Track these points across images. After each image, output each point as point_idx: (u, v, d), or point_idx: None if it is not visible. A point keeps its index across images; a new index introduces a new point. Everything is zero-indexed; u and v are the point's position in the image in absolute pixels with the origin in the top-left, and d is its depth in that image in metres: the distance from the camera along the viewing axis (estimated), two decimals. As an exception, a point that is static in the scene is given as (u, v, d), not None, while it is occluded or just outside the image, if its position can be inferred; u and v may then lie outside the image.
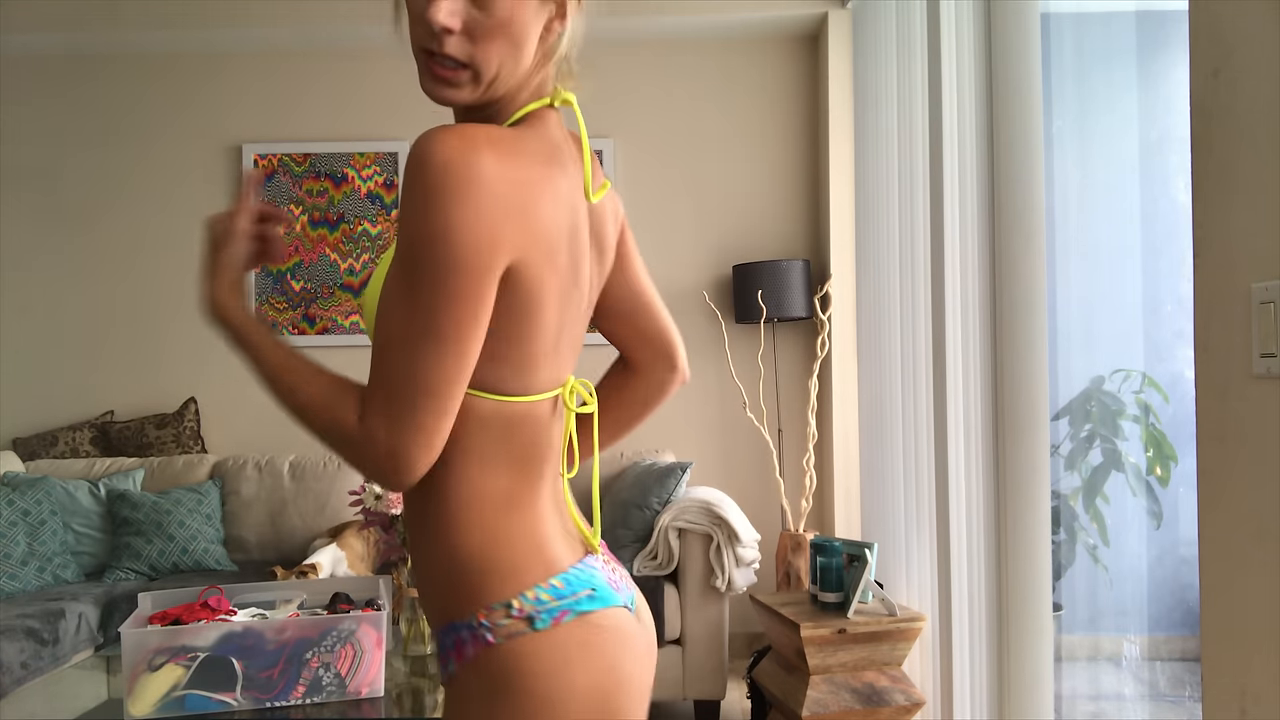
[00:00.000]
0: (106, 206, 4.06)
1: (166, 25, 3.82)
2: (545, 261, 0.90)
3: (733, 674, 3.37)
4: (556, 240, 0.91)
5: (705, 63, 4.02)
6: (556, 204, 0.91)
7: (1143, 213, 3.24)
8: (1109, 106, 3.28)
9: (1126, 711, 3.23)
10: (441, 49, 0.90)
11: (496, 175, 0.84)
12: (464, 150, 0.83)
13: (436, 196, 0.82)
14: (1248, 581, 1.15)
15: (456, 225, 0.82)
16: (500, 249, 0.85)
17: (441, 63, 0.91)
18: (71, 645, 2.91)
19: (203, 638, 1.91)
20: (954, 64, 2.41)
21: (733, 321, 3.91)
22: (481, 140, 0.85)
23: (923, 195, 2.70)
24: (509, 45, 0.92)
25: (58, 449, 3.82)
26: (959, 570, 2.39)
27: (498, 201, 0.84)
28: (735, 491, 3.88)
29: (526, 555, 0.93)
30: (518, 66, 0.94)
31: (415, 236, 0.83)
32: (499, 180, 0.84)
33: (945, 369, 2.42)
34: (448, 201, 0.82)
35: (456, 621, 0.92)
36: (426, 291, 0.83)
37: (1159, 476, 3.03)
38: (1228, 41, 1.18)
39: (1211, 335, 1.21)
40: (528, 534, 0.94)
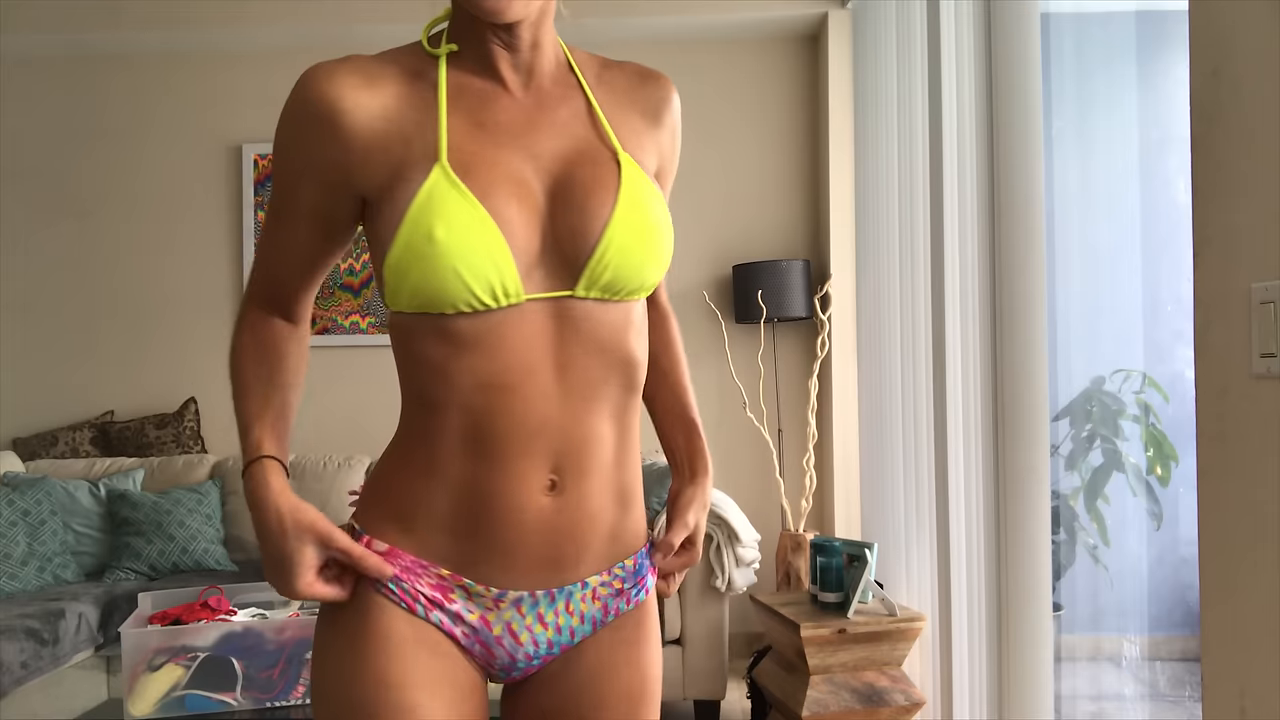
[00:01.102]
0: (107, 206, 4.06)
1: (166, 25, 3.82)
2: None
3: (733, 674, 3.37)
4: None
5: (705, 62, 4.02)
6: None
7: (1143, 213, 3.24)
8: (1109, 106, 3.28)
9: (1126, 711, 3.23)
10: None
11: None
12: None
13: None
14: (1248, 581, 1.15)
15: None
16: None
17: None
18: (71, 645, 2.91)
19: (203, 638, 1.91)
20: (954, 64, 2.41)
21: (733, 321, 3.91)
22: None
23: (923, 195, 2.70)
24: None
25: (58, 449, 3.82)
26: (959, 570, 2.39)
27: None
28: (735, 491, 3.88)
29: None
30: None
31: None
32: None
33: (945, 369, 2.42)
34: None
35: (643, 549, 1.03)
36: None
37: (1159, 476, 3.03)
38: (1228, 41, 1.18)
39: (1211, 335, 1.21)
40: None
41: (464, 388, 0.90)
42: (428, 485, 0.93)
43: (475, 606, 0.94)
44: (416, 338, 0.90)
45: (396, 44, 0.98)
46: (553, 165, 0.93)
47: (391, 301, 0.90)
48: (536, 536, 0.93)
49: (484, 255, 0.86)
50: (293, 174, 0.94)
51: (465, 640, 0.95)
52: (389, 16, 3.62)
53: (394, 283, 0.88)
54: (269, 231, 0.99)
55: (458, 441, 0.91)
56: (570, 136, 0.96)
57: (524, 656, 0.98)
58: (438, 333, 0.89)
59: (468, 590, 0.94)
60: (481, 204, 0.87)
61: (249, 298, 1.03)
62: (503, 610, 0.95)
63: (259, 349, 1.00)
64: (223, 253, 4.08)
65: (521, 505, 0.92)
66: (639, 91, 1.03)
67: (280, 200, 0.97)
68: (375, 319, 4.01)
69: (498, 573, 0.94)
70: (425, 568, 0.93)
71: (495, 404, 0.90)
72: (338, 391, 3.96)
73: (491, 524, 0.92)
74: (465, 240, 0.86)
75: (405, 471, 0.94)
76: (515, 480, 0.92)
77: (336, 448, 3.87)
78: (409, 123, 0.91)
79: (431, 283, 0.86)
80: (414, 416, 0.94)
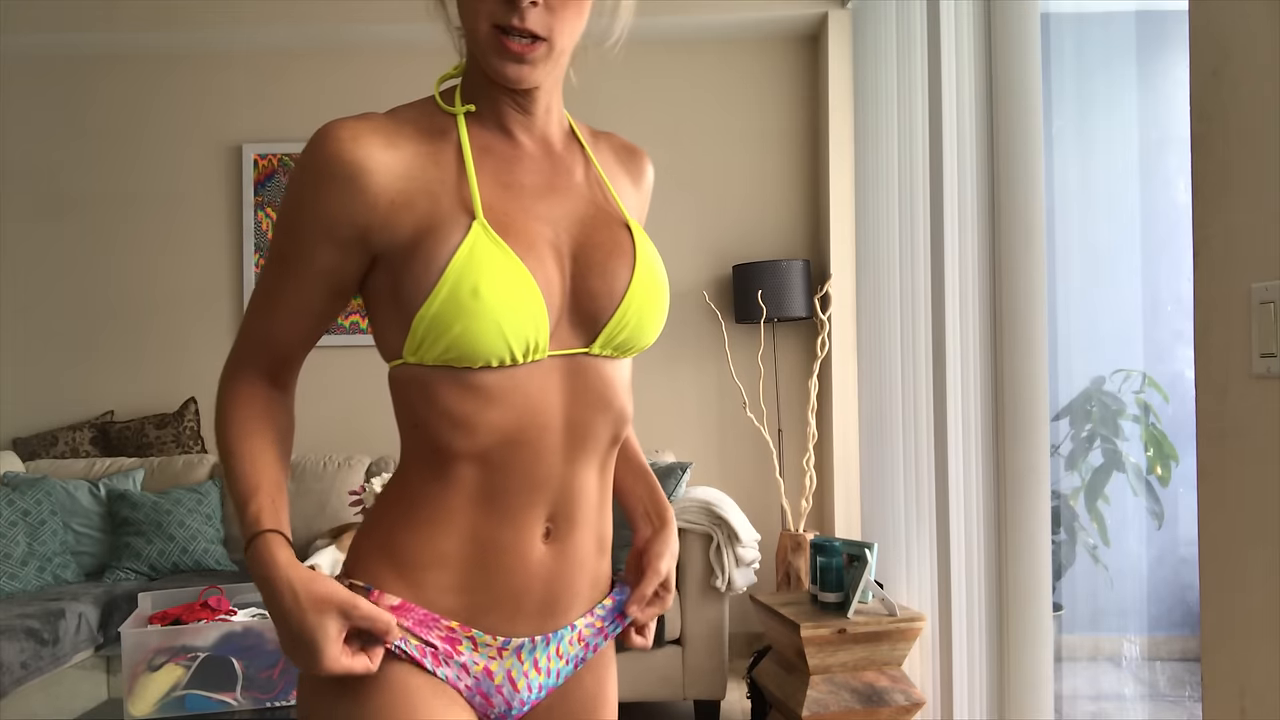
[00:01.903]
0: (107, 206, 4.06)
1: (166, 25, 3.82)
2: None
3: (733, 674, 3.37)
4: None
5: (705, 63, 4.02)
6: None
7: (1143, 213, 3.24)
8: (1109, 106, 3.28)
9: (1126, 711, 3.23)
10: (524, 22, 0.89)
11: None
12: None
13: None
14: (1248, 581, 1.15)
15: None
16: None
17: (518, 38, 0.90)
18: (71, 645, 2.91)
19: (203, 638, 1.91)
20: (954, 64, 2.41)
21: (733, 321, 3.91)
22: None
23: (923, 195, 2.70)
24: (581, 19, 0.95)
25: (58, 449, 3.82)
26: (959, 570, 2.39)
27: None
28: (735, 491, 3.88)
29: None
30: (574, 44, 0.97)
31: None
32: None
33: (945, 369, 2.42)
34: None
35: (616, 587, 1.07)
36: None
37: (1159, 476, 3.03)
38: (1228, 41, 1.18)
39: (1211, 335, 1.21)
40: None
41: (486, 440, 0.91)
42: (437, 536, 0.93)
43: (481, 657, 0.95)
44: (439, 390, 0.90)
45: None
46: (571, 228, 0.96)
47: (416, 353, 0.90)
48: (537, 584, 0.96)
49: (525, 313, 0.89)
50: (309, 232, 0.92)
51: (468, 692, 0.96)
52: (386, 17, 3.62)
53: (429, 335, 0.88)
54: (272, 291, 0.96)
55: (471, 493, 0.92)
56: (584, 201, 0.99)
57: (519, 703, 0.99)
58: (462, 386, 0.90)
59: (475, 641, 0.95)
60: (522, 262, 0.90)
61: (239, 360, 1.00)
62: (505, 659, 0.97)
63: (254, 418, 0.97)
64: (223, 252, 4.08)
65: (525, 555, 0.95)
66: (626, 162, 1.09)
67: (290, 259, 0.94)
68: (375, 319, 4.01)
69: (503, 621, 0.96)
70: (435, 620, 0.94)
71: (513, 457, 0.92)
72: (338, 392, 3.96)
73: (500, 574, 0.94)
74: (510, 297, 0.88)
75: (412, 522, 0.94)
76: (521, 530, 0.94)
77: (336, 448, 3.87)
78: (433, 180, 0.92)
79: (472, 337, 0.87)
80: (425, 466, 0.93)
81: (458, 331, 0.87)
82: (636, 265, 0.97)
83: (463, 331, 0.87)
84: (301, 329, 0.97)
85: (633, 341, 0.98)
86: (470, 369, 0.89)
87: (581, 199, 0.99)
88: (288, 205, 0.94)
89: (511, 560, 0.94)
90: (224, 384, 1.00)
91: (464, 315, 0.86)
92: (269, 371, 1.00)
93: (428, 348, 0.89)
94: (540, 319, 0.90)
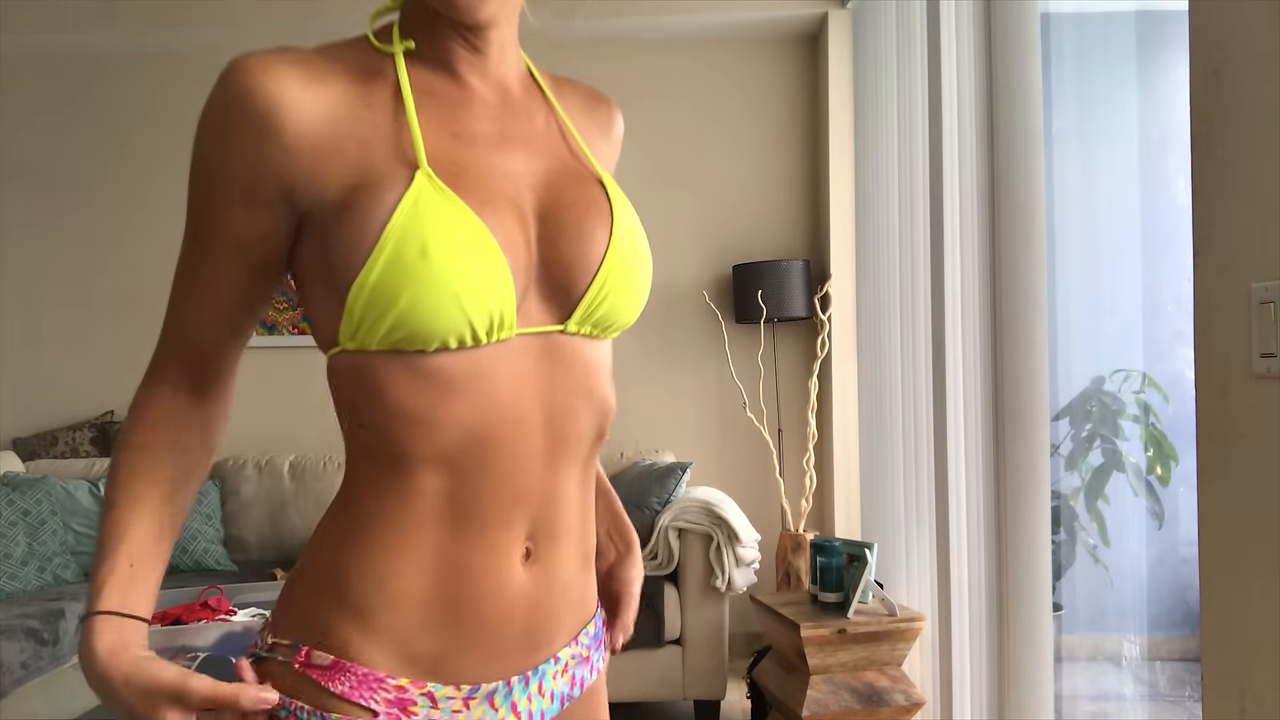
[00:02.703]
0: (107, 206, 4.06)
1: (166, 25, 3.82)
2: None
3: (733, 674, 3.37)
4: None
5: (705, 62, 4.02)
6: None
7: (1143, 213, 3.24)
8: (1109, 106, 3.28)
9: (1126, 711, 3.23)
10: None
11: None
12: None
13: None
14: (1248, 581, 1.15)
15: None
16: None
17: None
18: (71, 645, 2.91)
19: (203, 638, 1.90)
20: (954, 64, 2.41)
21: (733, 321, 3.91)
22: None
23: (923, 195, 2.70)
24: None
25: (58, 449, 3.82)
26: (959, 570, 2.39)
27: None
28: (735, 491, 3.88)
29: None
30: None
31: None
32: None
33: (945, 369, 2.42)
34: None
35: (598, 612, 0.94)
36: None
37: (1159, 476, 3.04)
38: (1228, 41, 1.18)
39: (1211, 335, 1.21)
40: None
41: (449, 442, 0.75)
42: (395, 564, 0.76)
43: (443, 714, 0.78)
44: (388, 381, 0.75)
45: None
46: (535, 185, 0.82)
47: (355, 337, 0.74)
48: (517, 615, 0.80)
49: (486, 277, 0.73)
50: (218, 194, 0.76)
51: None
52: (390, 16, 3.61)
53: (369, 311, 0.72)
54: (183, 278, 0.81)
55: (435, 509, 0.76)
56: (548, 154, 0.85)
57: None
58: (416, 374, 0.74)
59: (432, 698, 0.78)
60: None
61: (156, 362, 0.84)
62: (472, 710, 0.79)
63: (151, 445, 0.81)
64: (223, 253, 4.08)
65: (502, 582, 0.79)
66: (594, 111, 0.95)
67: (201, 233, 0.78)
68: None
69: (473, 665, 0.79)
70: (380, 681, 0.76)
71: (484, 462, 0.77)
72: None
73: (471, 608, 0.78)
74: (466, 258, 0.72)
75: (362, 549, 0.77)
76: (496, 552, 0.78)
77: (336, 448, 3.87)
78: (365, 124, 0.76)
79: (423, 309, 0.71)
80: (375, 479, 0.77)
81: (404, 303, 0.71)
82: (614, 226, 0.83)
83: (411, 303, 0.71)
84: (221, 318, 0.81)
85: (613, 316, 0.83)
86: (424, 352, 0.74)
87: (545, 152, 0.85)
88: (194, 165, 0.78)
89: (485, 590, 0.78)
90: (137, 392, 0.84)
91: (411, 282, 0.71)
92: (190, 375, 0.83)
93: (369, 327, 0.73)
94: (505, 285, 0.74)
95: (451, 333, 0.73)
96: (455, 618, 0.78)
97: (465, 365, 0.75)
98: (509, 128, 0.84)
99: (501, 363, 0.77)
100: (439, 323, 0.72)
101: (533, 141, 0.84)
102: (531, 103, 0.87)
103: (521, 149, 0.83)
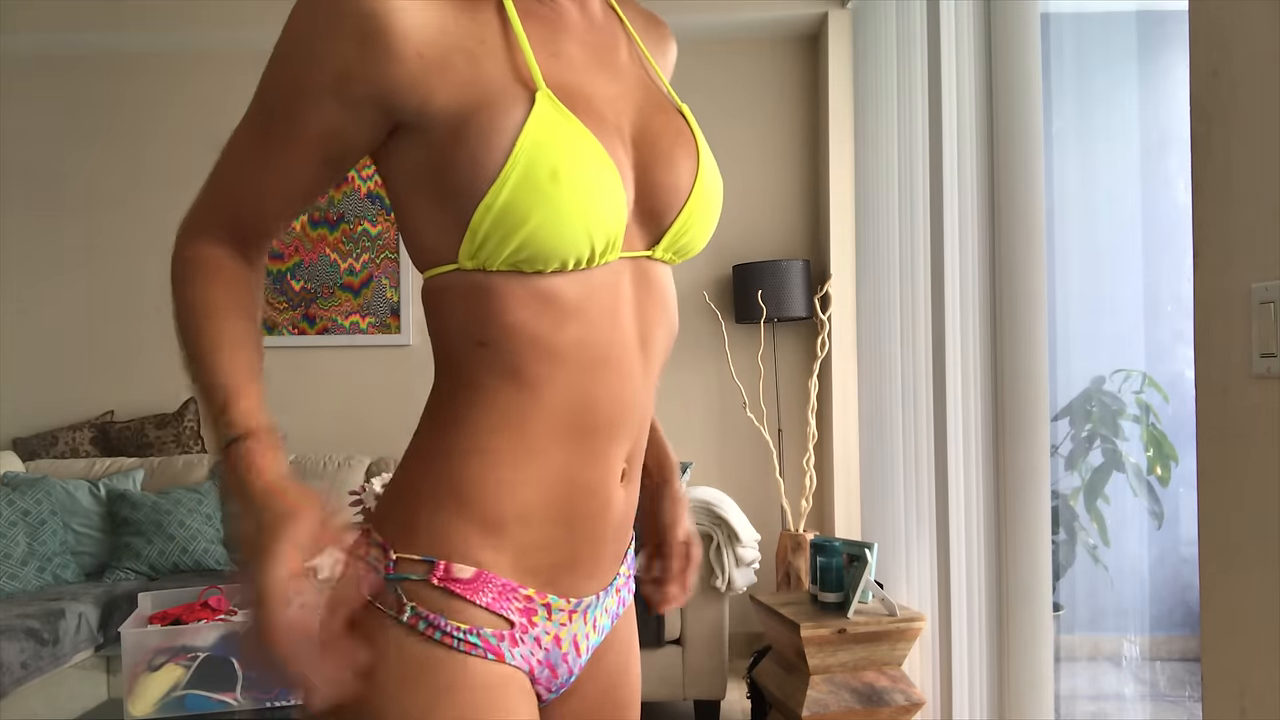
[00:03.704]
0: (107, 206, 4.06)
1: (167, 25, 3.82)
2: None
3: (733, 674, 3.37)
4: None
5: (705, 62, 4.02)
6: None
7: (1143, 213, 3.24)
8: (1109, 106, 3.28)
9: (1126, 711, 3.23)
10: None
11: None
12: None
13: None
14: (1248, 581, 1.15)
15: None
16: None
17: None
18: (71, 645, 2.91)
19: (203, 638, 1.91)
20: (954, 64, 2.41)
21: (733, 321, 3.91)
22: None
23: (923, 195, 2.70)
24: None
25: (58, 449, 3.82)
26: (959, 570, 2.39)
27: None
28: (735, 491, 3.88)
29: None
30: None
31: None
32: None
33: (945, 369, 2.42)
34: None
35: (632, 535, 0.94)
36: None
37: (1159, 476, 3.03)
38: (1228, 41, 1.18)
39: (1211, 335, 1.21)
40: None
41: (569, 361, 0.76)
42: (524, 476, 0.77)
43: (553, 625, 0.81)
44: (509, 301, 0.75)
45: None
46: (629, 110, 0.82)
47: (476, 256, 0.74)
48: (612, 531, 0.83)
49: (609, 201, 0.74)
50: (311, 86, 0.75)
51: (538, 667, 0.81)
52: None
53: (496, 231, 0.72)
54: (251, 153, 0.79)
55: (557, 425, 0.77)
56: (634, 80, 0.85)
57: (578, 668, 0.86)
58: (534, 295, 0.75)
59: (549, 609, 0.80)
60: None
61: (199, 223, 0.82)
62: (574, 623, 0.83)
63: (223, 290, 0.79)
64: (223, 253, 4.08)
65: (609, 498, 0.81)
66: (653, 34, 0.95)
67: (279, 117, 0.77)
68: (375, 319, 4.01)
69: (581, 579, 0.82)
70: (514, 590, 0.78)
71: (600, 380, 0.78)
72: (337, 391, 3.96)
73: (584, 524, 0.80)
74: (594, 181, 0.73)
75: (488, 462, 0.77)
76: (607, 469, 0.80)
77: (336, 448, 3.87)
78: (471, 39, 0.75)
79: (552, 230, 0.71)
80: (496, 396, 0.76)
81: (534, 224, 0.71)
82: (700, 157, 0.84)
83: (541, 224, 0.71)
84: (280, 202, 0.80)
85: (693, 244, 0.85)
86: (541, 273, 0.74)
87: (632, 78, 0.85)
88: (284, 51, 0.77)
89: (597, 506, 0.80)
90: (181, 248, 0.82)
91: (544, 203, 0.71)
92: (237, 240, 0.82)
93: (493, 247, 0.72)
94: (621, 209, 0.76)
95: (572, 254, 0.74)
96: (571, 532, 0.80)
97: (579, 286, 0.76)
98: (599, 52, 0.84)
99: (605, 285, 0.78)
100: (564, 245, 0.73)
101: (620, 67, 0.85)
102: (613, 27, 0.88)
103: (611, 74, 0.83)
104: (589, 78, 0.80)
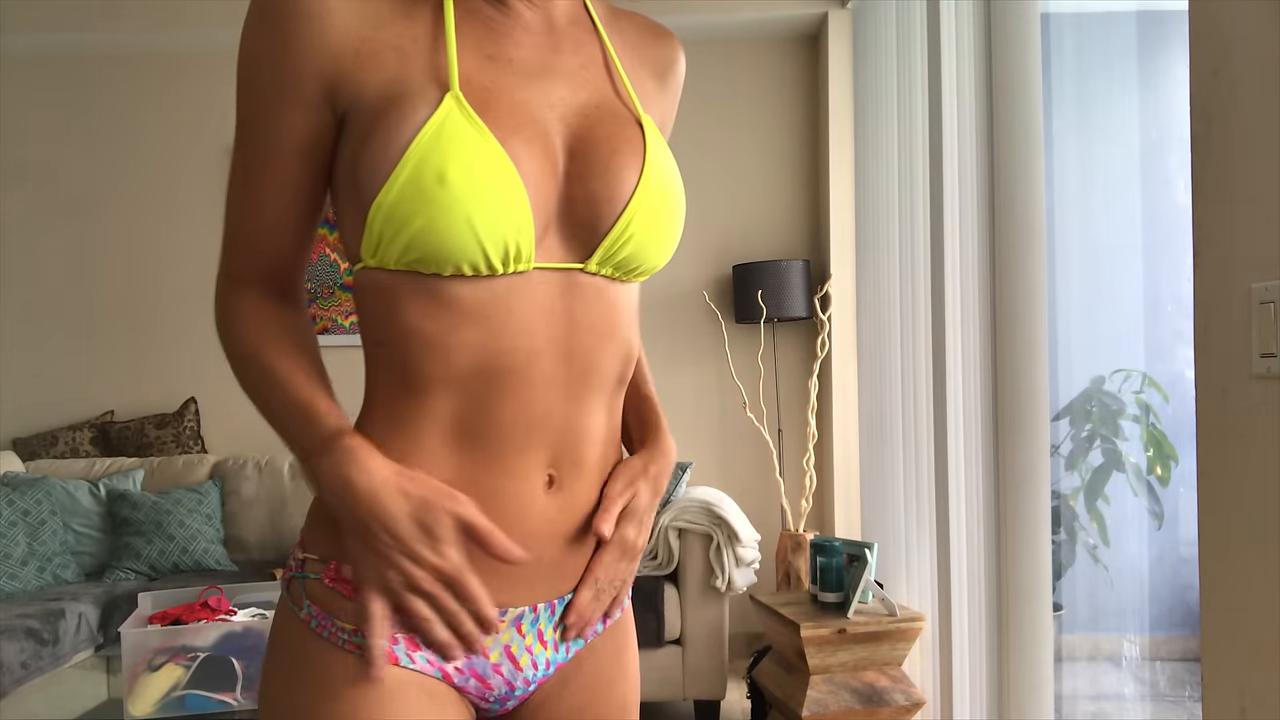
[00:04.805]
0: (106, 206, 4.06)
1: (167, 25, 3.82)
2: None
3: (733, 674, 3.37)
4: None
5: (705, 63, 4.02)
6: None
7: (1143, 213, 3.23)
8: (1109, 106, 3.27)
9: (1127, 711, 3.23)
10: None
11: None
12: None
13: None
14: (1248, 581, 1.15)
15: None
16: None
17: None
18: (71, 645, 2.91)
19: (203, 638, 1.91)
20: (954, 64, 2.41)
21: (733, 321, 3.91)
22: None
23: (923, 195, 2.70)
24: None
25: (58, 449, 3.82)
26: (959, 570, 2.39)
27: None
28: (735, 491, 3.88)
29: None
30: None
31: None
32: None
33: (945, 369, 2.42)
34: None
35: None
36: None
37: (1159, 476, 3.03)
38: (1228, 41, 1.18)
39: (1211, 335, 1.21)
40: None
41: (462, 367, 0.76)
42: None
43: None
44: (403, 302, 0.76)
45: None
46: (570, 118, 0.80)
47: (374, 254, 0.76)
48: (540, 541, 0.81)
49: (503, 208, 0.73)
50: (271, 97, 0.76)
51: (459, 677, 0.81)
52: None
53: (387, 230, 0.73)
54: (244, 187, 0.81)
55: (449, 432, 0.78)
56: (589, 88, 0.83)
57: (523, 682, 0.85)
58: (431, 298, 0.75)
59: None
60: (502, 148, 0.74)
61: (232, 282, 0.84)
62: (502, 632, 0.82)
63: (276, 335, 0.82)
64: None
65: (524, 506, 0.80)
66: (650, 49, 0.92)
67: (256, 140, 0.79)
68: (375, 319, 4.01)
69: (498, 588, 0.79)
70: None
71: (497, 389, 0.77)
72: (337, 391, 3.95)
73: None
74: (485, 187, 0.72)
75: None
76: (516, 478, 0.79)
77: (336, 448, 3.87)
78: (404, 36, 0.76)
79: (437, 233, 0.72)
80: (392, 400, 0.79)
81: (419, 226, 0.72)
82: (645, 167, 0.81)
83: (426, 226, 0.72)
84: (288, 222, 0.82)
85: (637, 260, 0.82)
86: (440, 276, 0.75)
87: (586, 86, 0.83)
88: (242, 76, 0.78)
89: (505, 514, 0.78)
90: (223, 305, 0.85)
91: (427, 206, 0.71)
92: (272, 282, 0.84)
93: (386, 246, 0.74)
94: (522, 218, 0.74)
95: (465, 260, 0.74)
96: (469, 539, 0.77)
97: (480, 294, 0.76)
98: (550, 57, 0.82)
99: (518, 295, 0.77)
100: (452, 249, 0.73)
101: (573, 74, 0.83)
102: (579, 34, 0.86)
103: (560, 80, 0.82)
104: (524, 82, 0.80)
